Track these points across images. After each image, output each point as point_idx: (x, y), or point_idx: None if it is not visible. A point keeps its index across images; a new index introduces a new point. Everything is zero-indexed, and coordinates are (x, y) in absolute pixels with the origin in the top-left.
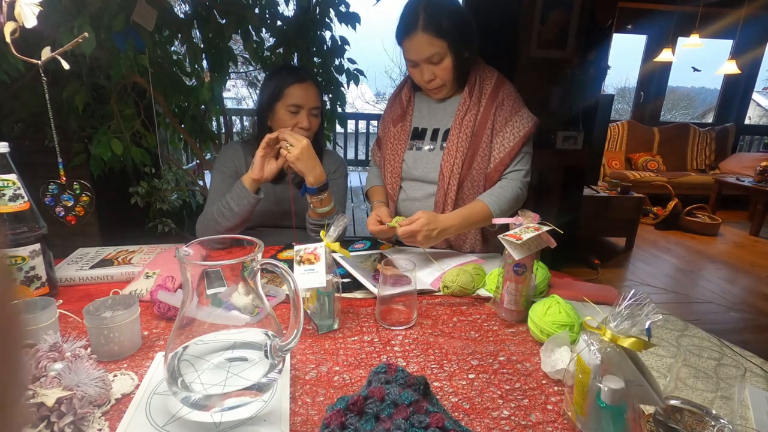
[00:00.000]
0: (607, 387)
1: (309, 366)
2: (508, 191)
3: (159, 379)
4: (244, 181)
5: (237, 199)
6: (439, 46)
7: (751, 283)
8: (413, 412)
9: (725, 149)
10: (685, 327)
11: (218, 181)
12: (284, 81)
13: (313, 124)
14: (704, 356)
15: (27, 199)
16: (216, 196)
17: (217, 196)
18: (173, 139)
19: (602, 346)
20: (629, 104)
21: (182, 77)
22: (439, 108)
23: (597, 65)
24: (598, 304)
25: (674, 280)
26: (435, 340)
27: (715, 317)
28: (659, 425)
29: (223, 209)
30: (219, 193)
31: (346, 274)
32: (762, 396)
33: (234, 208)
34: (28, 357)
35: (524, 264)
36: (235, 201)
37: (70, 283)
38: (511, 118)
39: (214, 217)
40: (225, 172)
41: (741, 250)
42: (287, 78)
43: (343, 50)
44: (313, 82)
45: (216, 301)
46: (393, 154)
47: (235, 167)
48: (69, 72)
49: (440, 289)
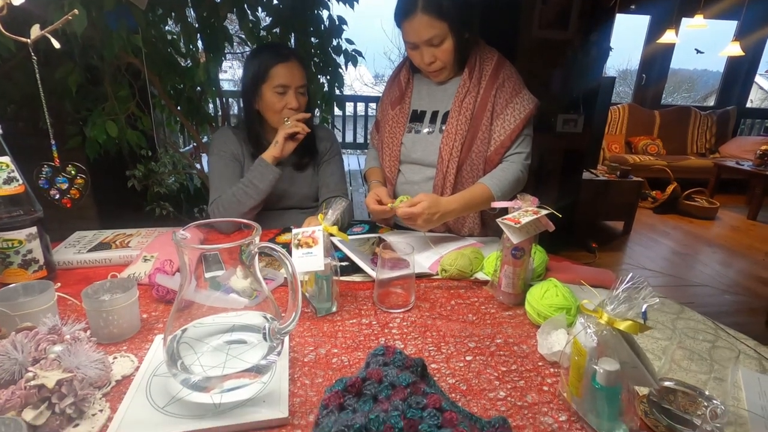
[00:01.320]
0: (603, 369)
1: (308, 348)
2: (509, 174)
3: (159, 362)
4: (266, 158)
5: (261, 177)
6: (440, 27)
7: (746, 267)
8: (411, 393)
9: (726, 133)
10: (681, 310)
11: (221, 165)
12: (268, 62)
13: (301, 102)
14: (699, 338)
15: (21, 182)
16: (222, 180)
17: (222, 179)
18: (169, 121)
19: (599, 329)
20: (630, 87)
21: (177, 58)
22: (438, 90)
23: (599, 46)
24: (595, 288)
25: (671, 264)
26: (433, 322)
27: (711, 300)
28: (653, 406)
29: (246, 189)
30: (224, 177)
31: (344, 257)
32: (754, 377)
33: (259, 185)
34: (27, 339)
35: (522, 247)
36: (258, 179)
37: (68, 266)
38: (511, 100)
39: (236, 198)
40: (225, 157)
41: (738, 234)
42: (270, 58)
43: (340, 30)
44: (297, 60)
45: (214, 284)
46: (391, 137)
47: (232, 151)
48: (61, 52)
49: (438, 272)
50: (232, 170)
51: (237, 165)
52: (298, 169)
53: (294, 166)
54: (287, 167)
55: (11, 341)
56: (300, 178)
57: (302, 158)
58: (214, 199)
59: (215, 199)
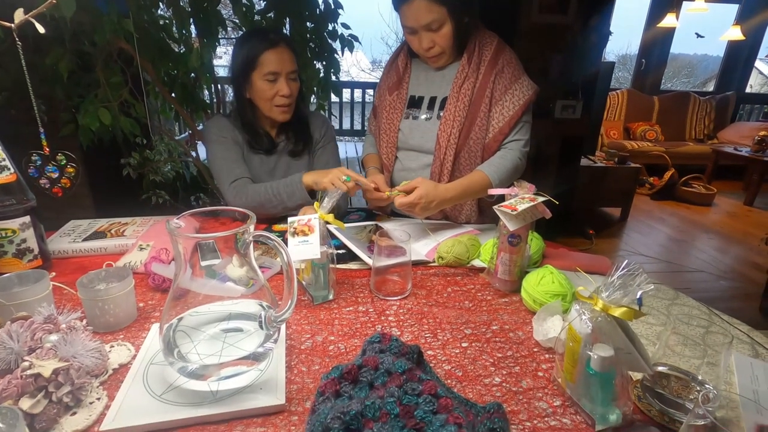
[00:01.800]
0: (597, 355)
1: (304, 336)
2: (507, 161)
3: (155, 350)
4: (305, 179)
5: (290, 193)
6: (439, 12)
7: (742, 253)
8: (407, 380)
9: (725, 118)
10: (676, 296)
11: (223, 150)
12: (256, 48)
13: (293, 89)
14: (693, 324)
15: (13, 170)
16: (231, 163)
17: (231, 162)
18: (163, 108)
19: (593, 316)
20: (630, 72)
21: (170, 43)
22: (436, 75)
23: (598, 31)
24: (591, 274)
25: (667, 250)
26: (429, 309)
27: (706, 285)
28: (646, 391)
29: (273, 199)
30: (231, 159)
31: (341, 245)
32: (747, 362)
33: (285, 199)
34: (23, 329)
35: (519, 235)
36: (288, 196)
37: (63, 255)
38: (510, 86)
39: (260, 200)
40: (225, 142)
41: (734, 220)
42: (259, 45)
43: (336, 14)
44: (286, 44)
45: (210, 272)
46: (388, 123)
47: (231, 136)
48: (51, 38)
49: (435, 259)
50: (236, 153)
51: (239, 149)
52: (294, 156)
53: (290, 153)
54: (283, 155)
55: (7, 331)
56: (296, 165)
57: (297, 145)
58: (232, 182)
59: (233, 181)
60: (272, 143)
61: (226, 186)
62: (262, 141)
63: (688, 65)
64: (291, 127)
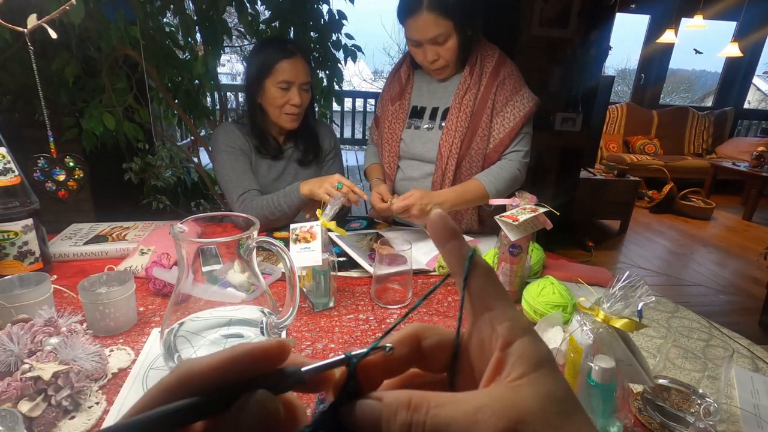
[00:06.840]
0: (598, 366)
1: (305, 343)
2: (505, 171)
3: (155, 355)
4: (302, 189)
5: (290, 203)
6: (445, 26)
7: (741, 267)
8: None
9: (723, 133)
10: (676, 309)
11: (232, 160)
12: (273, 56)
13: (304, 99)
14: (693, 337)
15: (17, 173)
16: (239, 174)
17: (239, 173)
18: (167, 114)
19: (595, 327)
20: (629, 86)
21: (175, 50)
22: (439, 86)
23: (598, 45)
24: (592, 286)
25: (666, 263)
26: (430, 319)
27: (705, 300)
28: (647, 403)
29: (275, 210)
30: (240, 171)
31: (342, 252)
32: (747, 376)
33: (287, 210)
34: (23, 331)
35: (520, 245)
36: (288, 206)
37: (64, 258)
38: (511, 98)
39: (264, 213)
40: (234, 152)
41: (733, 234)
42: (276, 53)
43: (340, 25)
44: (301, 56)
45: (212, 278)
46: (391, 133)
47: (239, 146)
48: (58, 43)
49: (436, 268)
50: (245, 164)
51: (247, 158)
52: (302, 165)
53: (298, 162)
54: (291, 162)
55: (7, 333)
56: (303, 174)
57: (307, 155)
58: (240, 194)
59: (241, 194)
60: (279, 149)
61: (235, 199)
62: (270, 146)
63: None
64: (299, 135)
